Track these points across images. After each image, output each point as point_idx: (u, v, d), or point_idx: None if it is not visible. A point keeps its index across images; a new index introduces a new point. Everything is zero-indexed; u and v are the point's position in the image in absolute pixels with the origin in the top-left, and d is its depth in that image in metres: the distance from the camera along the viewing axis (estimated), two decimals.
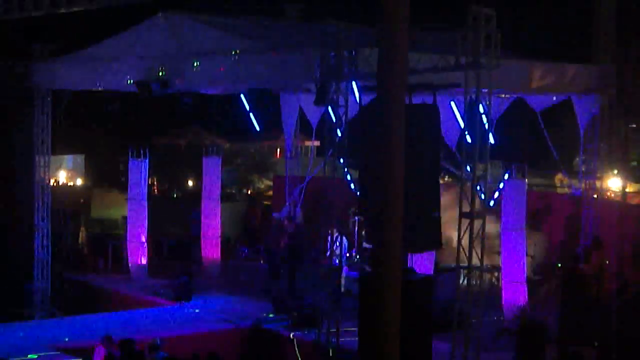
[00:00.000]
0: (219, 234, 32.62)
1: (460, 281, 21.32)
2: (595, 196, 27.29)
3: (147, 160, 31.12)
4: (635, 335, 21.35)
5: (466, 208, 20.42)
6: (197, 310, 27.35)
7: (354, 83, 22.32)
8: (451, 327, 20.53)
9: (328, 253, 23.61)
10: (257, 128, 32.65)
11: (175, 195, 50.02)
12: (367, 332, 19.71)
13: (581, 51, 26.83)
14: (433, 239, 21.94)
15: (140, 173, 31.25)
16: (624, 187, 30.90)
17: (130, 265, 31.23)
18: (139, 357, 19.67)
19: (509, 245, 24.67)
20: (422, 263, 24.72)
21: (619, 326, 22.01)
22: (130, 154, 31.38)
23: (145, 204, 31.36)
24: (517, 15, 35.25)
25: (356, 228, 28.26)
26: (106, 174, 48.72)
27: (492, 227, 22.39)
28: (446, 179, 31.93)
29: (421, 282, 21.10)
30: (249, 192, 50.30)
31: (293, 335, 23.77)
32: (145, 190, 31.60)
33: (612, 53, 26.49)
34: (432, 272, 24.52)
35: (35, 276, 29.73)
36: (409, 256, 23.12)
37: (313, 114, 31.40)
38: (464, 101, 21.01)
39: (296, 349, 23.24)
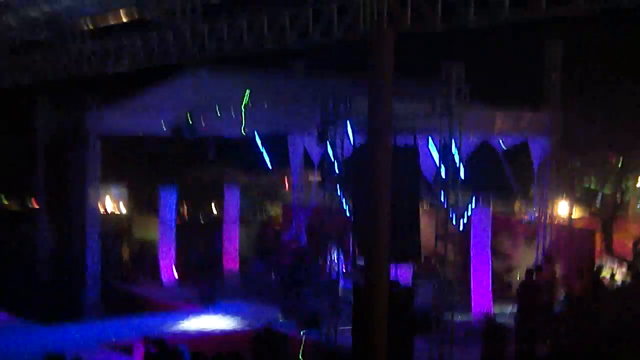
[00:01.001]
0: (238, 251, 32.55)
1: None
2: (547, 221, 27.23)
3: (175, 192, 31.13)
4: (579, 334, 21.29)
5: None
6: (219, 314, 27.26)
7: (349, 127, 22.29)
8: (429, 329, 20.46)
9: (328, 268, 23.52)
10: (269, 164, 32.61)
11: (201, 220, 49.83)
12: (360, 332, 19.64)
13: (534, 98, 26.83)
14: (413, 254, 21.92)
15: (169, 202, 31.23)
16: (570, 213, 30.81)
17: (162, 277, 31.15)
18: (172, 353, 19.55)
19: (476, 260, 24.60)
20: (402, 274, 24.64)
21: (566, 326, 21.96)
22: (161, 186, 31.40)
23: (174, 226, 31.39)
24: (483, 68, 35.28)
25: (351, 247, 28.15)
26: (145, 203, 48.57)
27: None
28: (424, 206, 31.71)
29: (404, 291, 21.03)
30: (263, 217, 50.09)
31: (303, 333, 23.69)
32: (174, 216, 31.60)
33: (559, 103, 26.52)
34: (410, 281, 24.40)
35: (88, 286, 29.67)
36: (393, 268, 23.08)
37: (315, 153, 31.35)
38: (439, 141, 20.99)
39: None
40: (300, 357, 23.16)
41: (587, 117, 26.55)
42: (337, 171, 22.67)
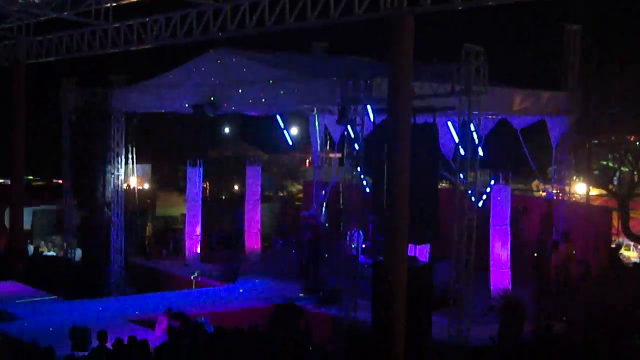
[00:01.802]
0: (259, 229, 32.59)
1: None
2: (564, 198, 27.14)
3: (201, 169, 31.17)
4: (596, 312, 21.23)
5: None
6: (241, 290, 27.32)
7: (369, 106, 22.21)
8: (448, 305, 20.43)
9: (347, 244, 23.50)
10: (290, 142, 32.60)
11: (224, 197, 49.95)
12: (379, 308, 19.64)
13: (554, 80, 26.69)
14: (432, 234, 21.85)
15: (195, 179, 31.28)
16: (587, 191, 30.70)
17: (186, 253, 31.23)
18: (193, 326, 19.61)
19: (496, 238, 24.55)
20: (420, 253, 24.59)
21: (583, 303, 21.91)
22: (187, 163, 31.45)
23: (200, 204, 31.40)
24: (503, 50, 35.15)
25: (370, 224, 28.11)
26: (168, 180, 48.72)
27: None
28: (443, 184, 31.63)
29: (423, 268, 21.05)
30: (284, 195, 50.17)
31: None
32: (200, 193, 31.63)
33: (578, 83, 26.38)
34: (428, 260, 24.34)
35: (112, 262, 29.78)
36: (411, 247, 23.02)
37: (335, 131, 31.33)
38: (458, 121, 20.91)
39: None
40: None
41: (604, 98, 26.37)
42: (357, 149, 22.59)
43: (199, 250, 31.24)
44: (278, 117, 31.09)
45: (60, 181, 33.58)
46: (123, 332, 18.41)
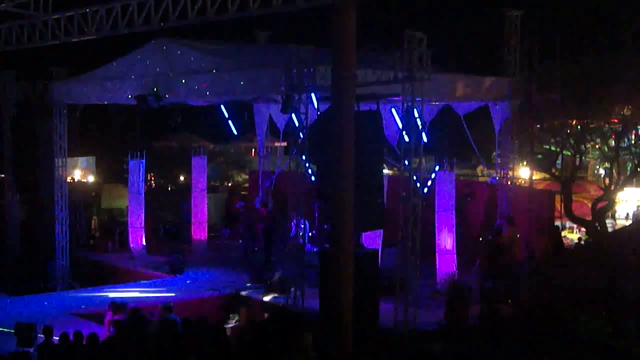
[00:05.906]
0: (206, 219, 32.51)
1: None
2: (508, 183, 27.43)
3: (143, 161, 31.04)
4: (540, 293, 21.52)
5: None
6: (188, 282, 27.26)
7: (313, 95, 22.24)
8: (395, 291, 20.57)
9: (293, 233, 23.53)
10: (235, 132, 32.51)
11: (169, 188, 49.71)
12: (326, 296, 19.70)
13: (495, 66, 26.96)
14: (377, 221, 21.93)
15: (138, 171, 31.14)
16: (531, 176, 31.05)
17: (131, 246, 31.10)
18: (141, 318, 19.47)
19: (441, 223, 24.73)
20: (372, 239, 24.70)
21: (528, 286, 22.18)
22: (129, 155, 31.29)
23: (143, 196, 31.27)
24: (445, 36, 35.39)
25: (316, 212, 28.18)
26: (113, 172, 48.35)
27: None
28: (386, 171, 31.81)
29: (369, 254, 21.10)
30: (230, 185, 50.10)
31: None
32: (143, 185, 31.48)
33: (519, 69, 26.67)
34: (379, 247, 24.44)
35: (57, 256, 29.49)
36: (361, 234, 23.11)
37: (280, 120, 31.33)
38: (401, 107, 21.02)
39: None
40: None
41: (546, 84, 26.67)
42: (301, 137, 22.63)
43: (144, 242, 31.12)
44: (222, 106, 30.96)
45: (2, 175, 33.15)
46: (70, 327, 18.27)
